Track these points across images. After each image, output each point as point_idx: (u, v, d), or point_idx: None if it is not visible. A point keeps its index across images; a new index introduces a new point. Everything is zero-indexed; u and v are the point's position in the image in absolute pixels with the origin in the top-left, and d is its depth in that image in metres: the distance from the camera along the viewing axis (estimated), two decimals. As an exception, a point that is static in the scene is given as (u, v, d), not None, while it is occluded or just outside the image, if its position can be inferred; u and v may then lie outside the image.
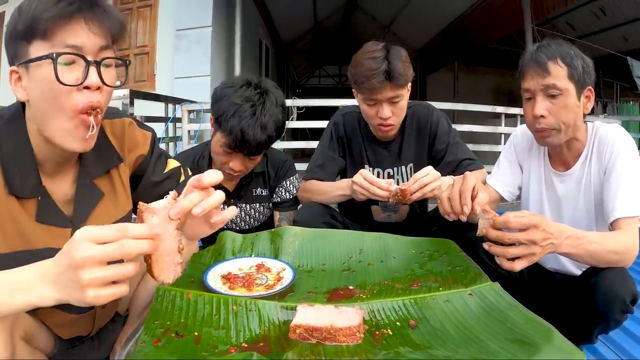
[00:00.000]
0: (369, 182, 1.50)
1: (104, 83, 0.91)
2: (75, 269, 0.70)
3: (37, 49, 0.87)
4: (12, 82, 0.92)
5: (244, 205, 1.85)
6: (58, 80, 0.86)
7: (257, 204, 1.87)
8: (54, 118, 0.91)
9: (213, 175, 0.84)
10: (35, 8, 0.85)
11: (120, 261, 0.73)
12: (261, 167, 1.82)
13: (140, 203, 0.80)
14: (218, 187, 1.82)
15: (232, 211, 0.90)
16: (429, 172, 1.48)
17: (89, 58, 0.89)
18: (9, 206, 0.93)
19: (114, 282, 0.72)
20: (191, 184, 0.84)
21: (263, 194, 1.86)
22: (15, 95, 0.93)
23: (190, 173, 1.28)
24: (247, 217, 1.87)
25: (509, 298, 1.00)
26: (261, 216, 1.90)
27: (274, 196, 1.87)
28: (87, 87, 0.89)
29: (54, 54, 0.86)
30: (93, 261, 0.70)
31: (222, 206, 1.76)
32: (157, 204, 0.80)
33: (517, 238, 1.08)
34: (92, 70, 0.89)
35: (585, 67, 1.33)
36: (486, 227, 1.10)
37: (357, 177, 1.52)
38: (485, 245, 1.11)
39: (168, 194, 1.23)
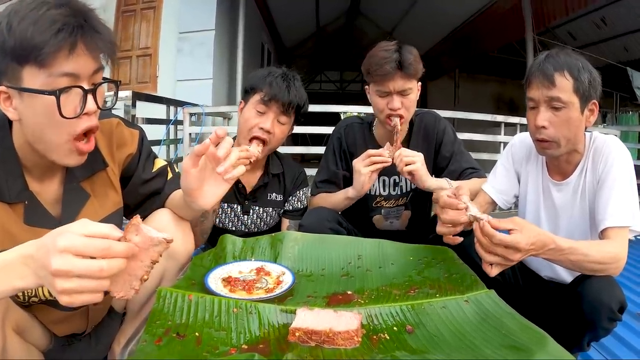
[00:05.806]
0: (376, 154, 1.62)
1: (99, 107, 0.94)
2: (53, 254, 0.69)
3: (32, 75, 0.86)
4: (0, 101, 0.90)
5: (257, 208, 1.89)
6: (61, 115, 0.87)
7: (270, 209, 1.91)
8: (52, 143, 0.93)
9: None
10: (32, 34, 0.82)
11: None
12: (278, 169, 1.90)
13: (137, 217, 0.79)
14: (237, 183, 1.91)
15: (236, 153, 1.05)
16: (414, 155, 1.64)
17: (85, 85, 0.90)
18: None
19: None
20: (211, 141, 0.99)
21: (278, 199, 1.92)
22: (5, 113, 0.92)
23: (177, 170, 1.32)
24: (259, 220, 1.91)
25: (504, 305, 1.02)
26: (271, 221, 1.94)
27: (286, 204, 1.93)
28: (85, 114, 0.92)
29: (57, 92, 0.86)
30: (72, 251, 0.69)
31: (232, 206, 1.84)
32: (150, 230, 0.80)
33: (496, 252, 1.09)
34: (90, 98, 0.91)
35: (592, 81, 1.32)
36: (477, 231, 1.11)
37: (364, 161, 1.62)
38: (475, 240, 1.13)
39: (157, 193, 1.28)
